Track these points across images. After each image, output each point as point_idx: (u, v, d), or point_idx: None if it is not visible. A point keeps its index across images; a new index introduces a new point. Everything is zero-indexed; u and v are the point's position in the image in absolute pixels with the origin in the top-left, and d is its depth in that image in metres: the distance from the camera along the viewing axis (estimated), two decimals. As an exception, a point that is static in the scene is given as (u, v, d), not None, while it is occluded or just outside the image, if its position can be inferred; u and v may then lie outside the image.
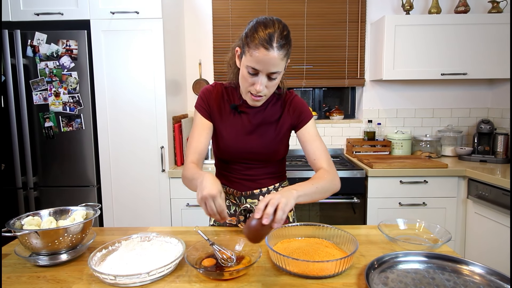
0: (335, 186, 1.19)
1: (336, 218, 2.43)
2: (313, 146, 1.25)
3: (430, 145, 2.80)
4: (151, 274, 0.90)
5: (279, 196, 0.94)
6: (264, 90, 1.13)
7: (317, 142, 1.25)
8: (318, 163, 1.23)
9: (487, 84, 2.94)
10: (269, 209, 0.91)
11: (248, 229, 0.93)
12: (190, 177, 1.15)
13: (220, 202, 0.97)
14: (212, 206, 0.97)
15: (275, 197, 0.94)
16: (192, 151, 1.25)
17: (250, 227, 0.93)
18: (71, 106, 2.34)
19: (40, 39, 2.29)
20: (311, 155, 1.24)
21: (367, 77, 2.97)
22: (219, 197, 0.97)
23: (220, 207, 0.98)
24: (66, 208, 1.18)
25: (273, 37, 1.04)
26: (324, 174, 1.18)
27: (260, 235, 0.93)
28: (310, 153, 1.25)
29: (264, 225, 0.90)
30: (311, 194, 1.08)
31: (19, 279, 0.95)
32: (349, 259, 0.95)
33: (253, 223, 0.92)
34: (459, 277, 0.92)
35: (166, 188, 2.43)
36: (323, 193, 1.14)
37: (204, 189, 0.97)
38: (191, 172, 1.16)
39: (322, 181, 1.14)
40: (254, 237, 0.93)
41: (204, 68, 2.96)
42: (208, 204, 0.96)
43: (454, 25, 2.52)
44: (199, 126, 1.27)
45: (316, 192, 1.10)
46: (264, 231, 0.92)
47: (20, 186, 2.38)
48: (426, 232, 1.22)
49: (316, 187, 1.10)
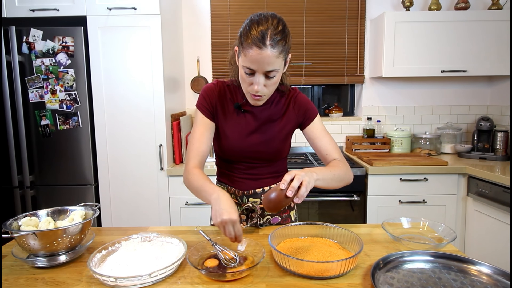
0: (349, 177, 1.20)
1: (336, 216, 2.42)
2: (323, 142, 1.25)
3: (430, 143, 2.80)
4: (152, 275, 0.88)
5: (303, 173, 0.97)
6: (263, 90, 1.10)
7: (326, 138, 1.25)
8: (330, 157, 1.23)
9: (486, 81, 2.93)
10: (295, 182, 0.95)
11: (269, 199, 0.97)
12: (198, 187, 1.12)
13: (239, 227, 1.00)
14: (231, 230, 0.99)
15: (301, 173, 0.97)
16: (195, 153, 1.21)
17: (271, 197, 0.97)
18: (68, 103, 2.31)
19: (35, 35, 2.25)
20: (323, 151, 1.24)
21: (366, 74, 2.96)
22: (239, 222, 0.99)
23: (239, 231, 1.00)
24: (64, 208, 1.16)
25: (266, 35, 1.00)
26: (339, 163, 1.19)
27: (280, 206, 0.97)
28: (322, 149, 1.25)
29: (287, 197, 0.94)
30: (328, 180, 1.09)
31: (16, 281, 0.93)
32: (355, 259, 0.94)
33: (275, 194, 0.97)
34: (466, 277, 0.91)
35: (165, 187, 2.41)
36: (338, 182, 1.14)
37: (224, 213, 0.98)
38: (199, 181, 1.13)
39: (338, 170, 1.15)
40: (275, 207, 0.98)
41: (203, 66, 2.93)
42: (227, 228, 0.98)
43: (454, 22, 2.51)
44: (201, 127, 1.24)
45: (333, 179, 1.11)
46: (285, 202, 0.96)
47: (16, 185, 2.34)
48: (431, 231, 1.21)
49: (333, 174, 1.11)
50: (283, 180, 0.96)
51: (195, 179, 1.14)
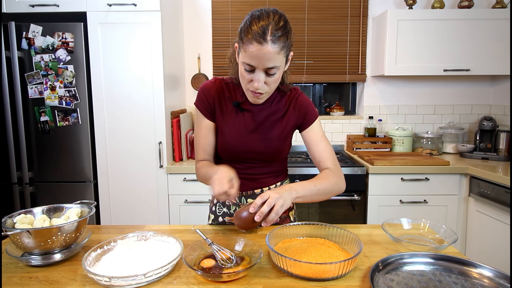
0: (339, 189, 1.17)
1: (336, 215, 2.40)
2: (319, 148, 1.22)
3: (432, 142, 2.77)
4: (147, 275, 0.87)
5: (277, 196, 0.96)
6: (264, 87, 1.07)
7: (322, 143, 1.22)
8: (323, 165, 1.21)
9: (489, 80, 2.90)
10: (264, 208, 0.95)
11: (239, 219, 1.00)
12: (205, 174, 1.19)
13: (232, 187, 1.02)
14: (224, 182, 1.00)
15: (274, 196, 0.96)
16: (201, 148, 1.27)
17: (241, 217, 1.00)
18: (67, 100, 2.29)
19: (35, 31, 2.24)
20: (317, 157, 1.22)
21: (368, 72, 2.93)
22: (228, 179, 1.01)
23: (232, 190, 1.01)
24: (60, 206, 1.14)
25: (267, 30, 0.97)
26: (329, 174, 1.16)
27: (249, 227, 1.01)
28: (316, 155, 1.22)
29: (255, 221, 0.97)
30: (311, 196, 1.09)
31: (10, 280, 0.92)
32: (353, 261, 0.92)
33: (244, 214, 0.99)
34: (467, 280, 0.89)
35: (164, 184, 2.39)
36: (324, 195, 1.13)
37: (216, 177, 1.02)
38: (205, 169, 1.19)
39: (325, 183, 1.13)
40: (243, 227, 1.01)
41: (203, 63, 2.91)
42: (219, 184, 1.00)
43: (457, 20, 2.48)
44: (204, 128, 1.25)
45: (318, 194, 1.10)
46: (253, 224, 0.99)
47: (15, 181, 2.34)
48: (431, 232, 1.19)
49: (318, 189, 1.10)
50: (253, 203, 0.96)
51: (202, 169, 1.21)
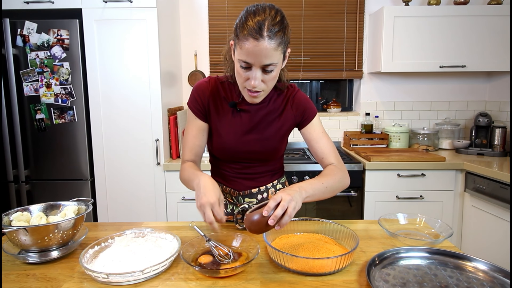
0: (344, 184, 1.16)
1: (333, 211, 2.41)
2: (321, 144, 1.20)
3: (428, 138, 2.79)
4: (145, 272, 0.87)
5: (289, 198, 0.91)
6: (261, 85, 1.03)
7: (323, 140, 1.20)
8: (327, 161, 1.19)
9: (485, 76, 2.92)
10: (278, 211, 0.89)
11: (251, 222, 0.92)
12: (187, 178, 1.14)
13: (218, 211, 0.95)
14: (210, 214, 0.94)
15: (286, 198, 0.91)
16: (188, 150, 1.23)
17: (253, 221, 0.91)
18: (63, 97, 2.28)
19: (30, 28, 2.22)
20: (319, 154, 1.20)
21: (365, 69, 2.93)
22: (217, 204, 0.95)
23: (219, 214, 0.95)
24: (57, 203, 1.14)
25: (263, 26, 0.94)
26: (334, 170, 1.14)
27: (262, 231, 0.92)
28: (318, 152, 1.20)
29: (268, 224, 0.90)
30: (319, 194, 1.06)
31: (7, 277, 0.92)
32: (350, 256, 0.93)
33: (257, 217, 0.91)
34: (462, 274, 0.90)
35: (161, 182, 2.39)
36: (331, 193, 1.10)
37: (203, 196, 0.95)
38: (187, 173, 1.14)
39: (332, 179, 1.11)
40: (256, 231, 0.92)
41: (200, 60, 2.91)
42: (206, 212, 0.94)
43: (453, 17, 2.49)
44: (195, 129, 1.22)
45: (325, 191, 1.08)
46: (267, 228, 0.91)
47: (11, 179, 2.32)
48: (427, 227, 1.20)
49: (325, 187, 1.07)
50: (267, 207, 0.90)
51: (184, 172, 1.16)
